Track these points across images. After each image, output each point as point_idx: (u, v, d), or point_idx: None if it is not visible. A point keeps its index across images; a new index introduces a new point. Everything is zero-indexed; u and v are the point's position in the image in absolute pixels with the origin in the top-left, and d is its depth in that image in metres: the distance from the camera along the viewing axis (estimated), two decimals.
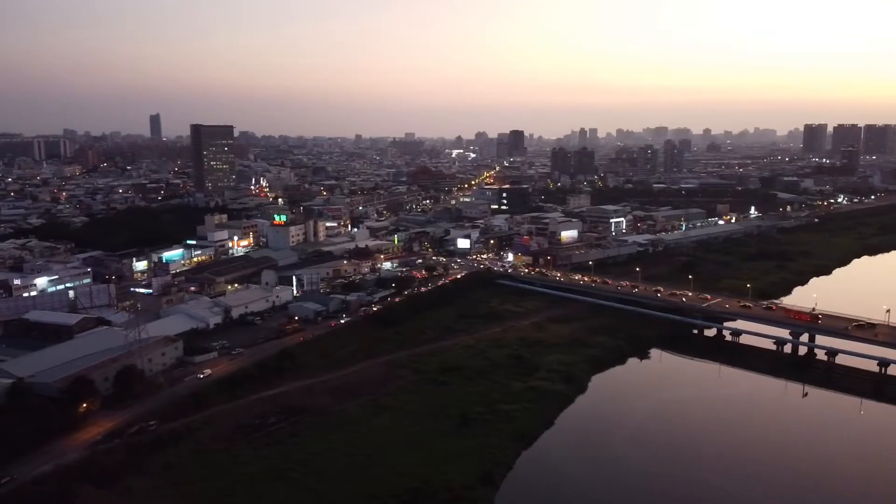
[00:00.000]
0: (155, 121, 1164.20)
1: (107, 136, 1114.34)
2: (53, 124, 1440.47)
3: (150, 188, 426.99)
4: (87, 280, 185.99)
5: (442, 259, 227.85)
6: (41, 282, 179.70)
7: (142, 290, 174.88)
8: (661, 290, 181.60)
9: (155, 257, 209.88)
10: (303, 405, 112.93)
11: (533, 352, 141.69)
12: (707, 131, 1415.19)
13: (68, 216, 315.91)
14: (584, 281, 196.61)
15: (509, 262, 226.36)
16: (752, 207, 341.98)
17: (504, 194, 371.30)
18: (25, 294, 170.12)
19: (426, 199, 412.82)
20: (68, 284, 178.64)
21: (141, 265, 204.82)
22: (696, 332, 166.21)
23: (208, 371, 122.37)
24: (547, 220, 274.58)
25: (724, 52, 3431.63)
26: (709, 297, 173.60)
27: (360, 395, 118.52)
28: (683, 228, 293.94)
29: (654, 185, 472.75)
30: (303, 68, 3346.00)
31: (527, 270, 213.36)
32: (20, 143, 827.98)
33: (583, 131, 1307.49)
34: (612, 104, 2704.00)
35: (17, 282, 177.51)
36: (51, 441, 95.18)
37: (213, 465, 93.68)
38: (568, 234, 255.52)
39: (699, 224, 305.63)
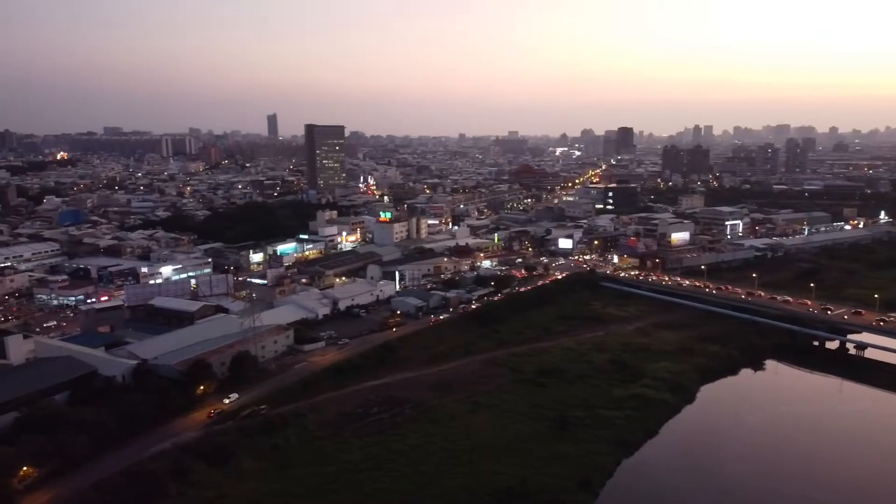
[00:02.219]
0: (272, 121, 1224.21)
1: (228, 134, 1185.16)
2: (180, 123, 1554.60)
3: (267, 185, 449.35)
4: (208, 270, 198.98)
5: (543, 259, 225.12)
6: (166, 270, 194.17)
7: (257, 281, 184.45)
8: (779, 297, 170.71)
9: (270, 250, 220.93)
10: (403, 397, 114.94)
11: (637, 358, 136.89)
12: (833, 130, 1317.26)
13: (192, 210, 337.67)
14: (695, 286, 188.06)
15: (614, 263, 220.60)
16: (883, 212, 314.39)
17: (610, 193, 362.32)
18: (152, 281, 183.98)
19: (527, 198, 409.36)
20: (190, 273, 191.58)
21: (257, 257, 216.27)
22: (816, 343, 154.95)
23: (233, 396, 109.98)
24: (656, 221, 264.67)
25: (856, 49, 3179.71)
26: (832, 306, 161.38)
27: (457, 392, 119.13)
28: (805, 233, 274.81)
29: (774, 187, 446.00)
30: (411, 69, 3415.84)
31: (633, 273, 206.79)
32: (149, 140, 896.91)
33: (697, 128, 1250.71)
34: (729, 100, 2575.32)
35: (144, 270, 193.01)
36: (170, 420, 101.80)
37: (318, 450, 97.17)
38: (678, 237, 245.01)
39: (823, 228, 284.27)
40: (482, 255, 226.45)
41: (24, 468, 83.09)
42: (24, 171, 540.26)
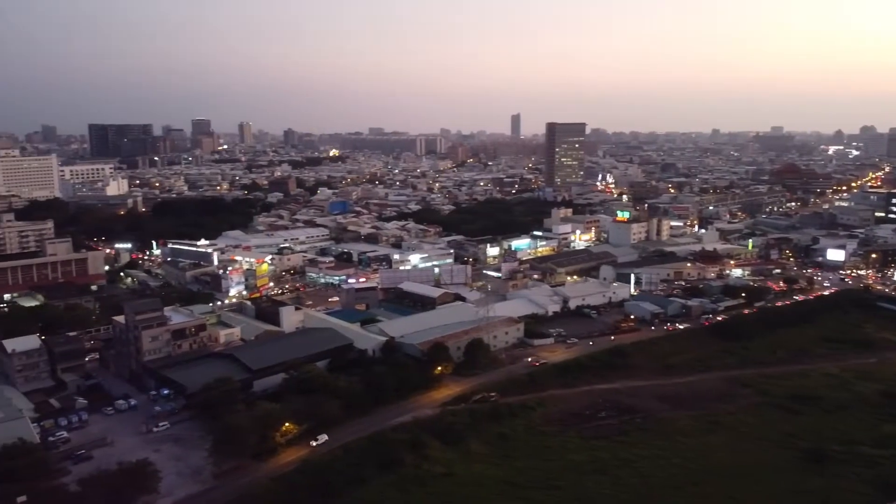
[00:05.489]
0: (515, 120, 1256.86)
1: (474, 134, 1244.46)
2: (433, 125, 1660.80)
3: (506, 182, 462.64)
4: (449, 260, 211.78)
5: (806, 271, 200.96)
6: (414, 258, 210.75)
7: (492, 273, 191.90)
8: None
9: (505, 245, 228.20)
10: (632, 405, 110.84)
11: None
12: None
13: (439, 204, 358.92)
14: None
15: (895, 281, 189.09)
16: None
17: (894, 200, 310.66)
18: (402, 267, 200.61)
19: (791, 202, 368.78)
20: (434, 262, 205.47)
21: (493, 251, 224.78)
22: None
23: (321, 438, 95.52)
24: None
25: None
26: None
27: (692, 407, 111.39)
28: None
29: None
30: (660, 63, 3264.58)
31: None
32: (406, 140, 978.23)
33: None
34: None
35: (396, 256, 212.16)
36: (410, 395, 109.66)
37: (542, 445, 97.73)
38: None
39: None
40: (732, 262, 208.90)
41: (287, 424, 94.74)
42: (302, 166, 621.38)
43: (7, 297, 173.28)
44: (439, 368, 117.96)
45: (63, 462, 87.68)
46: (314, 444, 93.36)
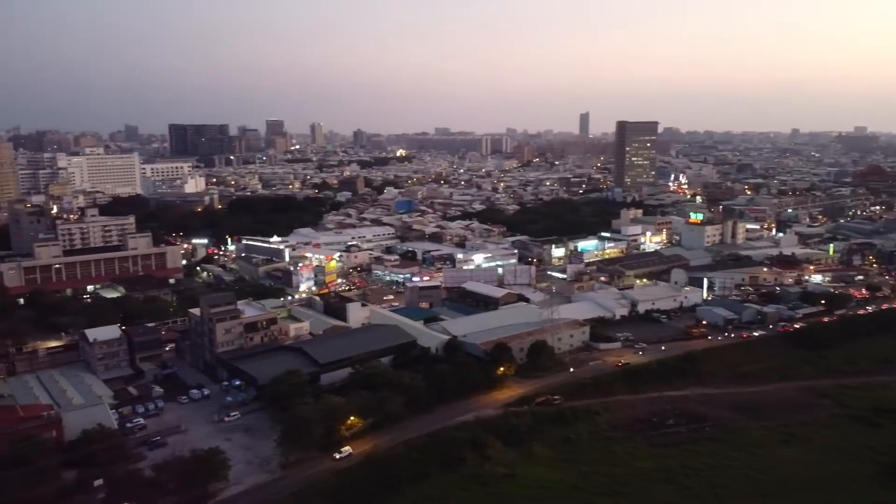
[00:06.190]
0: (584, 119, 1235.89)
1: (541, 133, 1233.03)
2: (499, 124, 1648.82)
3: (574, 182, 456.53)
4: (513, 260, 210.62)
5: (891, 278, 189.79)
6: (478, 258, 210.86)
7: (557, 275, 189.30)
8: None
9: (571, 246, 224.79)
10: (702, 414, 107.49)
11: None
12: None
13: (503, 204, 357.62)
14: None
15: None
16: None
17: None
18: (465, 266, 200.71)
19: (875, 205, 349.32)
20: (498, 262, 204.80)
21: (558, 252, 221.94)
22: None
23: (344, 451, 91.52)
24: None
25: None
26: None
27: (766, 418, 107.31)
28: None
29: None
30: (736, 61, 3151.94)
31: None
32: (472, 140, 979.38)
33: None
34: None
35: (459, 256, 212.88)
36: (473, 394, 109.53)
37: (607, 451, 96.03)
38: None
39: None
40: (812, 267, 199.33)
41: (352, 418, 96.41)
42: (370, 166, 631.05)
43: (90, 288, 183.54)
44: (502, 369, 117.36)
45: (139, 448, 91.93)
46: (337, 456, 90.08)
